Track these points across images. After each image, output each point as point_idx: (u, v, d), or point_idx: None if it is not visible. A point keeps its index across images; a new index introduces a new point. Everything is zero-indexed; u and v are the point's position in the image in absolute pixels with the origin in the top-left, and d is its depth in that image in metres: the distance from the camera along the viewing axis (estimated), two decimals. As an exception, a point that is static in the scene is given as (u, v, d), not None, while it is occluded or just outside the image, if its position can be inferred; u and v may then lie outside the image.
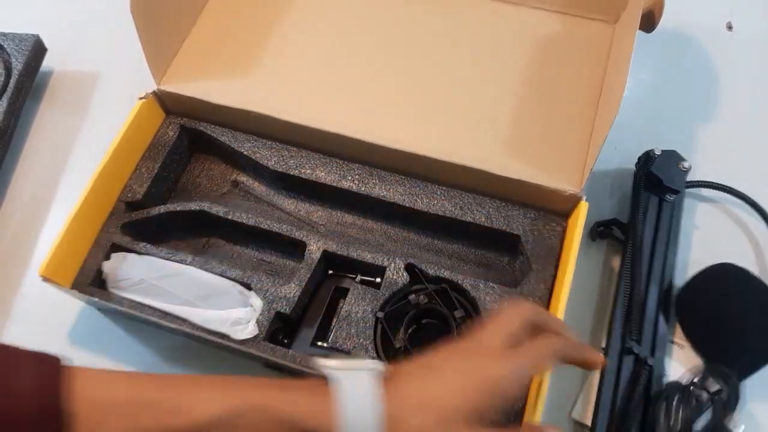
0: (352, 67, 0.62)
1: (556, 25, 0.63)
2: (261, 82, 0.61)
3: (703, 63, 0.70)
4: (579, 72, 0.60)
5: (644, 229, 0.56)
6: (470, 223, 0.56)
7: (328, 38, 0.64)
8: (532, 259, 0.54)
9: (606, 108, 0.53)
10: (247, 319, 0.52)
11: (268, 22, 0.65)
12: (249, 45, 0.64)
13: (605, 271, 0.60)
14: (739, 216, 0.62)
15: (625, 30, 0.58)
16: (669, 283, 0.56)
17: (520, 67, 0.60)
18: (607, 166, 0.63)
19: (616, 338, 0.53)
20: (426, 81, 0.60)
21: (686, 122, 0.67)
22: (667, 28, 0.64)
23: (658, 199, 0.57)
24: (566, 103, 0.58)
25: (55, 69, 0.75)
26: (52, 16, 0.78)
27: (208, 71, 0.62)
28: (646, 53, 0.69)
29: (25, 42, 0.70)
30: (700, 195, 0.63)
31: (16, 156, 0.70)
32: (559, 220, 0.56)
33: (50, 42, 0.72)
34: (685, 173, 0.57)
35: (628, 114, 0.64)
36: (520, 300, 0.52)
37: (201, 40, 0.65)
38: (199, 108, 0.61)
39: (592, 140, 0.55)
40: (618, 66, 0.54)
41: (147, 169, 0.60)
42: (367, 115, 0.59)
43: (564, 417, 0.54)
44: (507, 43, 0.62)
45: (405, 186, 0.58)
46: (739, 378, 0.53)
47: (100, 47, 0.76)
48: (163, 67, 0.61)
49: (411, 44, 0.63)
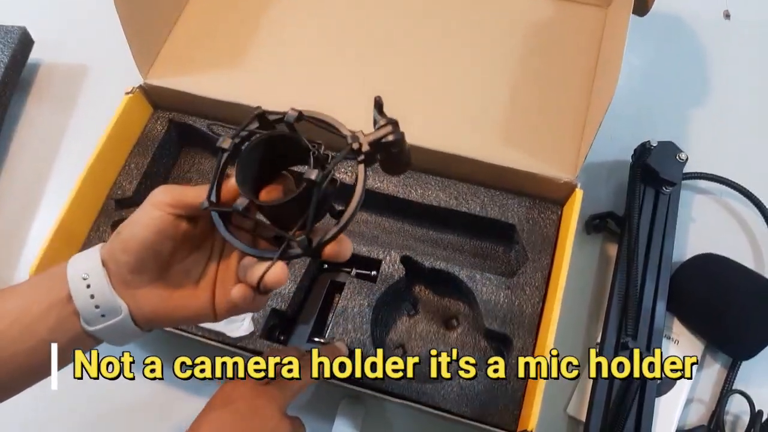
0: (341, 58, 0.61)
1: (548, 10, 0.62)
2: (249, 74, 0.60)
3: (700, 52, 0.70)
4: (572, 58, 0.59)
5: (640, 222, 0.55)
6: (465, 213, 0.55)
7: (316, 27, 0.63)
8: (528, 247, 0.54)
9: (600, 93, 0.53)
10: (242, 317, 0.52)
11: (255, 13, 0.64)
12: (236, 37, 0.63)
13: (601, 265, 0.59)
14: (735, 208, 0.62)
15: (617, 14, 0.57)
16: (666, 276, 0.55)
17: (513, 55, 0.60)
18: (602, 157, 0.63)
19: (612, 333, 0.52)
20: (417, 70, 0.60)
21: (682, 112, 0.66)
22: (663, 15, 0.63)
23: (655, 191, 0.57)
24: (560, 89, 0.57)
25: (43, 62, 0.74)
26: (40, 9, 0.77)
27: (195, 64, 0.61)
28: (641, 41, 0.69)
29: (11, 34, 0.69)
30: (697, 186, 0.62)
31: (4, 150, 0.69)
32: (554, 209, 0.55)
33: (37, 34, 0.71)
34: (681, 165, 0.56)
35: (624, 104, 0.63)
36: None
37: (187, 33, 0.64)
38: (186, 101, 0.60)
39: (587, 127, 0.55)
40: (611, 52, 0.54)
41: (136, 165, 0.60)
42: (358, 106, 0.57)
43: (559, 412, 0.54)
44: (499, 30, 0.61)
45: (399, 177, 0.57)
46: (740, 360, 0.53)
47: (88, 40, 0.75)
48: (149, 60, 0.60)
49: (402, 33, 0.62)
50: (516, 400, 0.49)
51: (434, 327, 0.55)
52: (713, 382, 0.55)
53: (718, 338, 0.54)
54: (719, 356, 0.55)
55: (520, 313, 0.51)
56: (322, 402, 0.55)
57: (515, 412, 0.48)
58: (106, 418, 0.57)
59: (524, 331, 0.51)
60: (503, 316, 0.51)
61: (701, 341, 0.55)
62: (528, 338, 0.50)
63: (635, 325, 0.52)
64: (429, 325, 0.56)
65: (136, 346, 0.59)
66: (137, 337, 0.36)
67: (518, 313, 0.51)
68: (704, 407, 0.54)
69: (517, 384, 0.49)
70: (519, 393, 0.49)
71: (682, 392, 0.53)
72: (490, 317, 0.51)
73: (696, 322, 0.55)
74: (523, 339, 0.50)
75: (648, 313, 0.53)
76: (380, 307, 0.53)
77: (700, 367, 0.55)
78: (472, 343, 0.54)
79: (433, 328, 0.55)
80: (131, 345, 0.58)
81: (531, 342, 0.50)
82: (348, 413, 0.54)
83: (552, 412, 0.54)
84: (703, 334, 0.55)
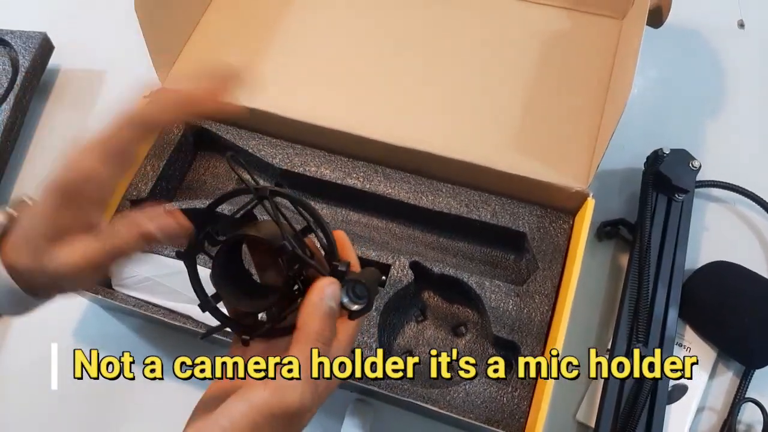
0: (357, 65, 0.62)
1: (564, 21, 0.62)
2: (265, 80, 0.61)
3: (714, 61, 0.69)
4: (586, 69, 0.59)
5: (652, 230, 0.55)
6: (476, 220, 0.55)
7: (333, 35, 0.64)
8: (539, 256, 0.54)
9: (613, 104, 0.53)
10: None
11: (272, 20, 0.65)
12: (254, 42, 0.64)
13: (612, 272, 0.59)
14: (748, 216, 0.61)
15: (632, 25, 0.57)
16: (678, 284, 0.55)
17: (527, 64, 0.60)
18: (614, 165, 0.62)
19: (622, 340, 0.52)
20: (432, 78, 0.60)
21: (696, 121, 0.66)
22: (676, 26, 0.63)
23: (667, 198, 0.56)
24: (573, 99, 0.57)
25: (62, 67, 0.75)
26: (60, 15, 0.79)
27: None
28: (655, 51, 0.68)
29: (32, 39, 0.70)
30: (710, 195, 0.62)
31: (23, 154, 0.70)
32: (566, 218, 0.55)
33: (58, 40, 0.72)
34: (694, 172, 0.56)
35: (637, 112, 0.63)
36: None
37: (205, 38, 0.65)
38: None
39: (600, 137, 0.55)
40: (625, 62, 0.54)
41: (152, 167, 0.60)
42: (372, 113, 0.58)
43: (569, 419, 0.54)
44: (514, 39, 0.61)
45: (410, 183, 0.57)
46: (753, 368, 0.53)
47: (107, 45, 0.76)
48: (167, 65, 0.61)
49: (417, 42, 0.62)
50: (522, 407, 0.49)
51: (442, 333, 0.56)
52: (725, 391, 0.54)
53: (731, 346, 0.54)
54: (732, 364, 0.55)
55: (528, 321, 0.51)
56: (332, 403, 0.56)
57: (521, 420, 0.49)
58: (106, 418, 0.58)
59: (533, 339, 0.51)
60: (512, 323, 0.51)
61: (713, 349, 0.54)
62: (536, 346, 0.50)
63: (646, 332, 0.52)
64: (437, 332, 0.56)
65: (137, 346, 0.59)
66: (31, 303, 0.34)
67: (527, 321, 0.51)
68: (716, 416, 0.53)
69: (524, 391, 0.49)
70: (526, 400, 0.49)
71: (693, 400, 0.52)
72: (498, 324, 0.51)
73: (708, 329, 0.55)
74: (531, 347, 0.50)
75: (659, 320, 0.52)
76: (388, 311, 0.54)
77: (712, 375, 0.54)
78: (480, 350, 0.54)
79: (441, 335, 0.56)
80: (131, 345, 0.59)
81: (539, 350, 0.50)
82: (357, 415, 0.54)
83: (562, 419, 0.54)
84: (716, 341, 0.54)
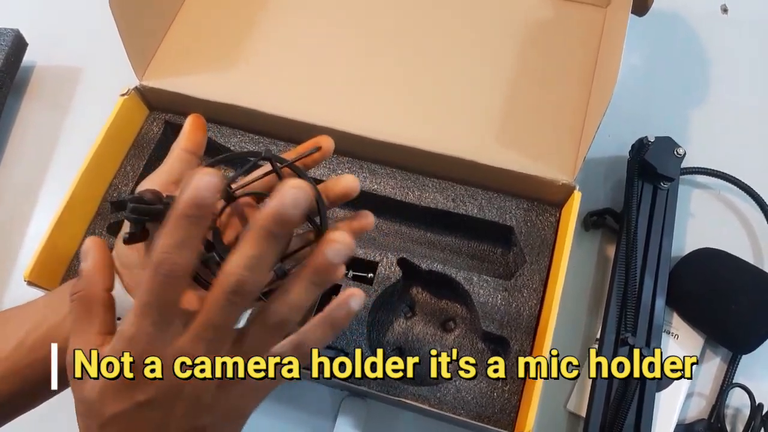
0: (338, 59, 0.60)
1: (548, 10, 0.61)
2: (245, 75, 0.60)
3: (698, 47, 0.69)
4: (571, 58, 0.58)
5: (638, 218, 0.55)
6: (462, 215, 0.55)
7: (312, 28, 0.62)
8: (526, 250, 0.53)
9: (599, 95, 0.52)
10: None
11: (251, 13, 0.63)
12: (232, 37, 0.62)
13: (599, 262, 0.59)
14: (734, 203, 0.61)
15: (617, 13, 0.56)
16: (665, 272, 0.55)
17: (511, 55, 0.59)
18: (600, 154, 0.62)
19: (611, 329, 0.52)
20: (414, 71, 0.59)
21: (680, 108, 0.66)
22: (660, 12, 0.63)
23: (653, 187, 0.56)
24: (558, 90, 0.57)
25: (37, 64, 0.73)
26: (33, 11, 0.77)
27: (191, 65, 0.61)
28: (639, 37, 0.68)
29: (4, 36, 0.68)
30: (695, 181, 0.62)
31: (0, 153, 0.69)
32: (553, 211, 0.55)
33: (31, 36, 0.71)
34: (679, 160, 0.56)
35: (622, 100, 0.63)
36: None
37: (183, 34, 0.63)
38: (182, 103, 0.59)
39: (585, 128, 0.54)
40: (610, 51, 0.53)
41: (132, 167, 0.59)
42: (355, 108, 0.57)
43: (559, 408, 0.54)
44: (497, 30, 0.60)
45: (396, 179, 0.57)
46: (740, 354, 0.54)
47: (82, 41, 0.74)
48: (144, 61, 0.60)
49: (398, 33, 0.61)
50: (513, 401, 0.49)
51: (431, 329, 0.56)
52: (713, 376, 0.55)
53: (718, 332, 0.54)
54: (719, 350, 0.55)
55: (517, 316, 0.51)
56: (324, 400, 0.56)
57: (512, 415, 0.49)
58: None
59: (521, 334, 0.51)
60: (500, 318, 0.51)
61: (701, 335, 0.55)
62: (525, 340, 0.50)
63: (634, 321, 0.52)
64: (426, 328, 0.56)
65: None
66: None
67: (515, 315, 0.51)
68: (705, 401, 0.54)
69: (515, 386, 0.49)
70: (516, 395, 0.49)
71: (682, 386, 0.53)
72: (487, 319, 0.51)
73: (695, 316, 0.55)
74: (521, 341, 0.50)
75: (647, 308, 0.53)
76: (377, 309, 0.53)
77: (700, 361, 0.55)
78: (470, 345, 0.54)
79: (430, 331, 0.55)
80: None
81: (528, 344, 0.50)
82: (350, 412, 0.54)
83: (552, 408, 0.54)
84: (703, 328, 0.55)
